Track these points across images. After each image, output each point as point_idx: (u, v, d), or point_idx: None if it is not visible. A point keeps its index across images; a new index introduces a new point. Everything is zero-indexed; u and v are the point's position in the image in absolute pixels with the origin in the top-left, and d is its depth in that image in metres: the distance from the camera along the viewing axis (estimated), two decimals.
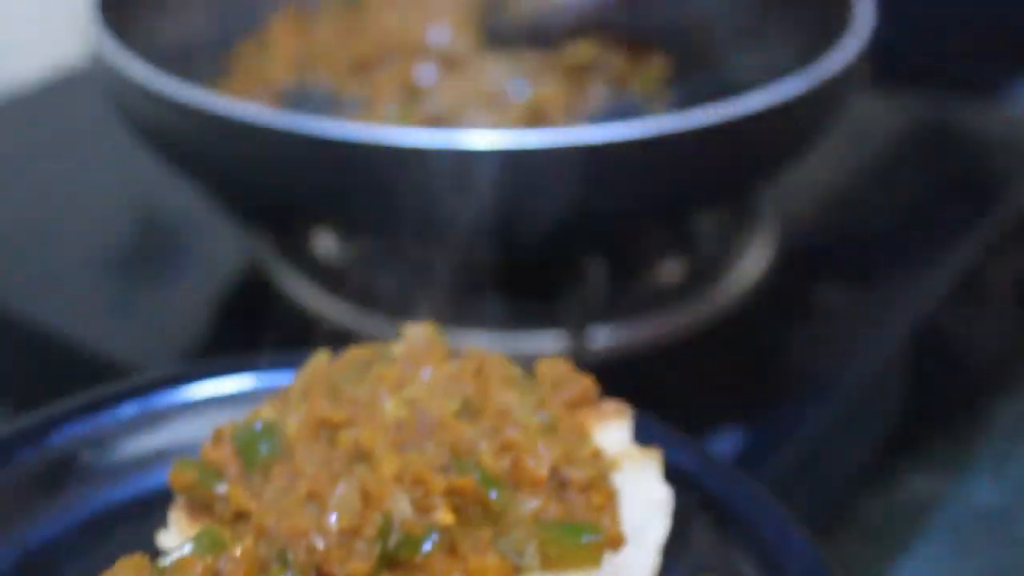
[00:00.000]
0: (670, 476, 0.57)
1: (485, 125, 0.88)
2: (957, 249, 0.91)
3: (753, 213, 0.94)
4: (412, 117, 0.89)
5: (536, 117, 0.89)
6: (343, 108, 0.91)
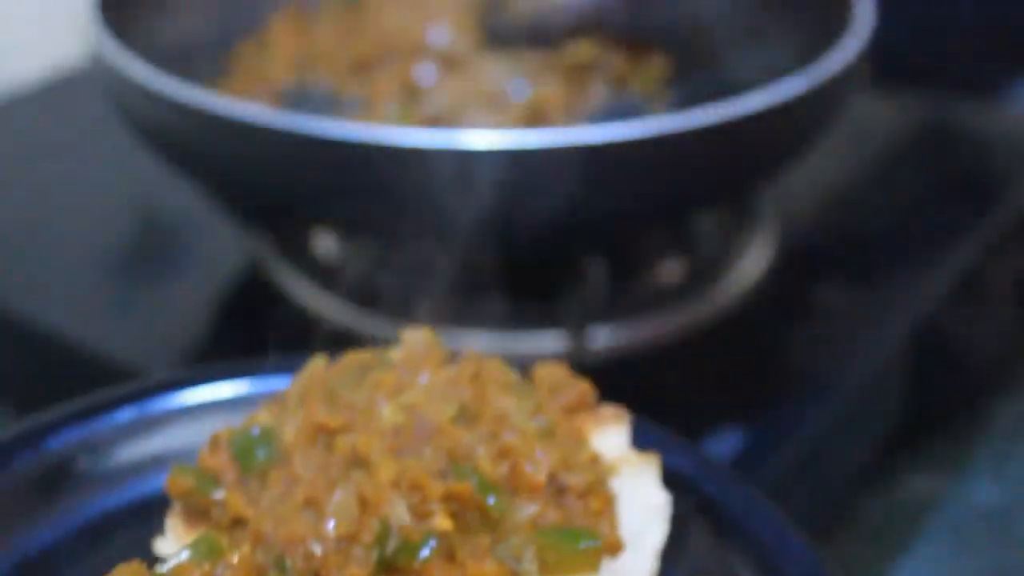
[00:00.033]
0: (668, 480, 0.57)
1: (485, 125, 0.88)
2: (957, 249, 0.91)
3: (753, 213, 0.94)
4: (412, 117, 0.89)
5: (536, 117, 0.89)
6: (343, 108, 0.91)
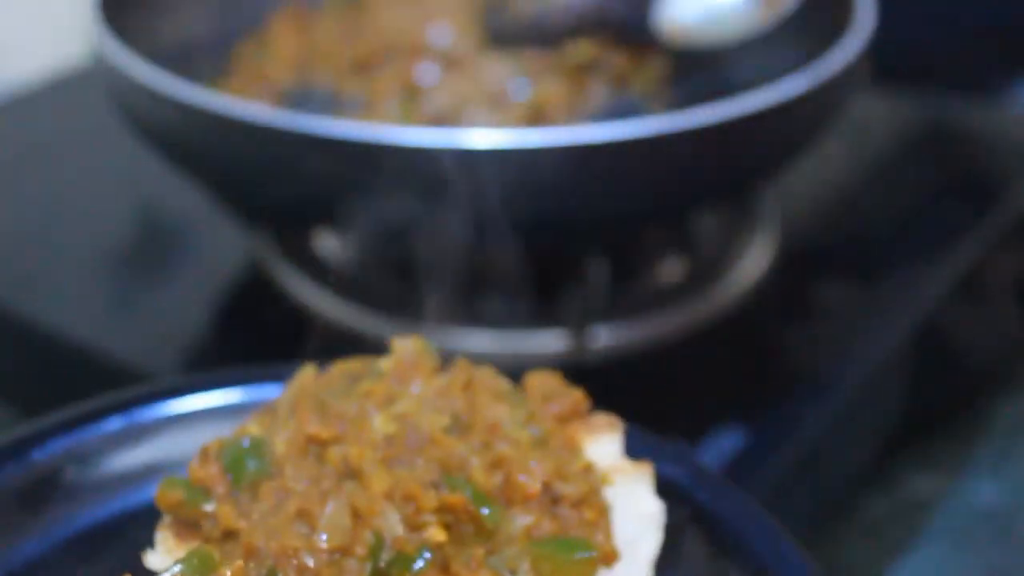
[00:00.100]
0: (661, 489, 0.56)
1: (486, 124, 0.88)
2: (957, 249, 0.91)
3: (753, 213, 0.93)
4: (413, 116, 0.89)
5: (537, 116, 0.89)
6: (344, 108, 0.91)
